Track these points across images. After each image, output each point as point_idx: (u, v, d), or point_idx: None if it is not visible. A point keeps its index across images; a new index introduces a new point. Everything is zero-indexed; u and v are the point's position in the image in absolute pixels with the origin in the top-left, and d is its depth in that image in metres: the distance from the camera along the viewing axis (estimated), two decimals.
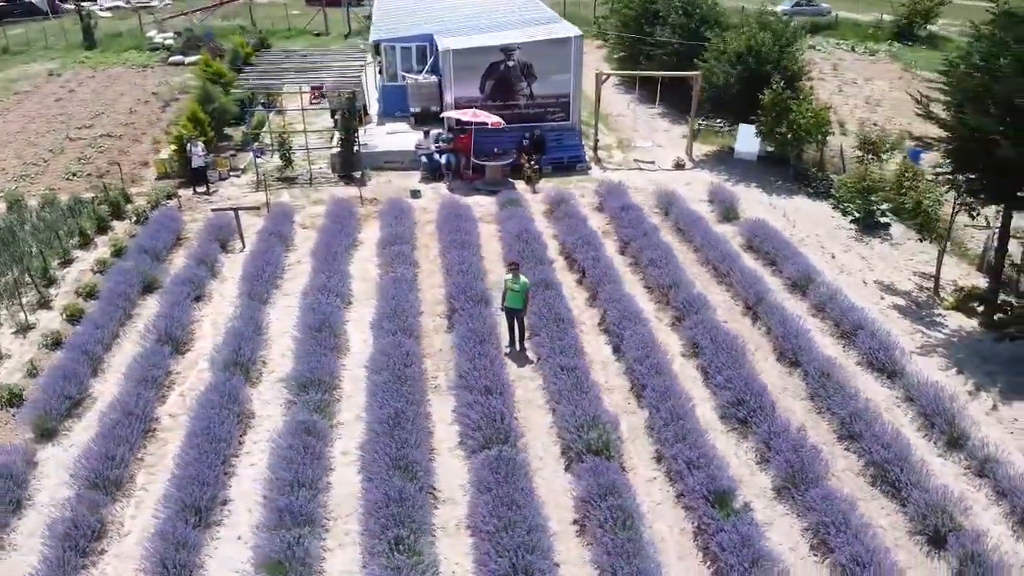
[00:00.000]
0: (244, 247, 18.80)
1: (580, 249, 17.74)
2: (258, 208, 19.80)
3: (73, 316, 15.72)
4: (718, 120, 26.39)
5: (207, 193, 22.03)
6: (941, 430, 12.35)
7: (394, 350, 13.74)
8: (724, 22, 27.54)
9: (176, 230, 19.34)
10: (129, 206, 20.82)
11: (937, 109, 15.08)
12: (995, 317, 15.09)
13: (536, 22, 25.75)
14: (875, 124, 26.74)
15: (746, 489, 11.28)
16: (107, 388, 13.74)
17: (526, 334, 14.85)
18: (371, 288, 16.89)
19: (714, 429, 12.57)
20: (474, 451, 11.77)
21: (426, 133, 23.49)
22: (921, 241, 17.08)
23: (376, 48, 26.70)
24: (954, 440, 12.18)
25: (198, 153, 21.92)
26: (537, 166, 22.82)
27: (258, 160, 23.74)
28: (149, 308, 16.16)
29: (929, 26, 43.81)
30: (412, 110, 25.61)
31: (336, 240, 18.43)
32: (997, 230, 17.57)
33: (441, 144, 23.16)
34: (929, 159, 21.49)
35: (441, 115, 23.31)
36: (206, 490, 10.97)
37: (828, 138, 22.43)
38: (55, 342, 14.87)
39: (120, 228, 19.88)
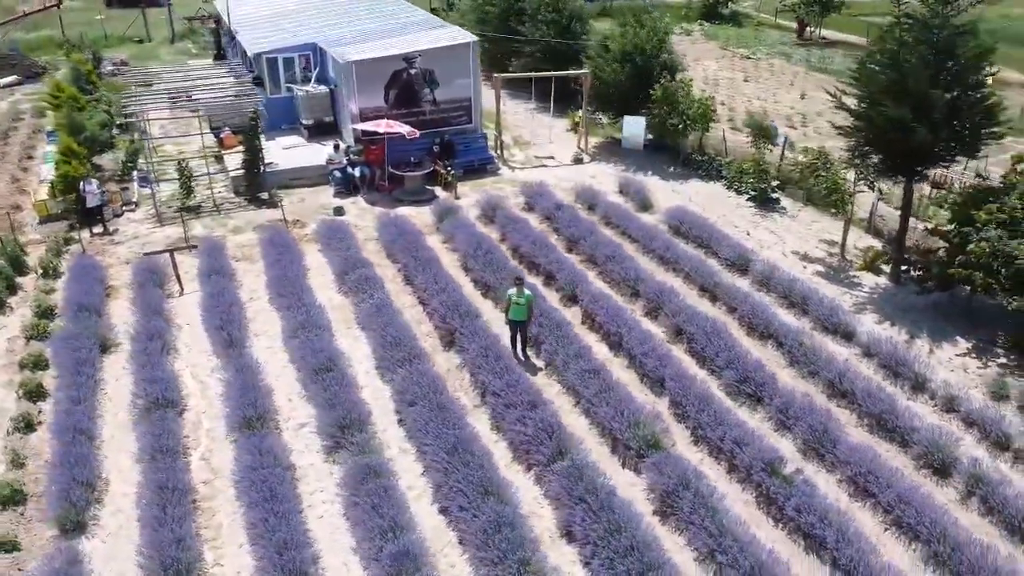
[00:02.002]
0: (183, 290, 17.62)
1: (537, 253, 18.49)
2: (195, 246, 18.54)
3: (32, 393, 14.13)
4: (596, 113, 27.96)
5: (107, 233, 20.19)
6: (905, 377, 14.62)
7: (420, 378, 13.85)
8: (588, 18, 29.10)
9: (101, 279, 17.70)
10: (27, 258, 18.66)
11: (839, 100, 17.42)
12: (902, 271, 17.83)
13: (421, 26, 25.83)
14: (729, 106, 29.63)
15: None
16: (117, 466, 12.68)
17: (528, 342, 15.45)
18: (347, 317, 16.63)
19: (728, 406, 14.00)
20: (540, 464, 12.32)
21: (336, 147, 22.97)
22: (835, 214, 19.50)
23: (254, 60, 25.42)
24: (918, 384, 14.48)
25: (93, 191, 19.99)
26: (452, 171, 23.15)
27: (145, 191, 22.05)
28: (115, 370, 14.89)
29: (732, 5, 48.56)
30: (304, 122, 24.83)
31: (286, 270, 17.81)
32: (879, 197, 20.62)
33: (352, 157, 22.79)
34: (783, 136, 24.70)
35: (352, 126, 22.85)
36: (298, 553, 10.69)
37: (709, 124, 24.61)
38: (26, 425, 13.36)
39: (29, 284, 17.82)
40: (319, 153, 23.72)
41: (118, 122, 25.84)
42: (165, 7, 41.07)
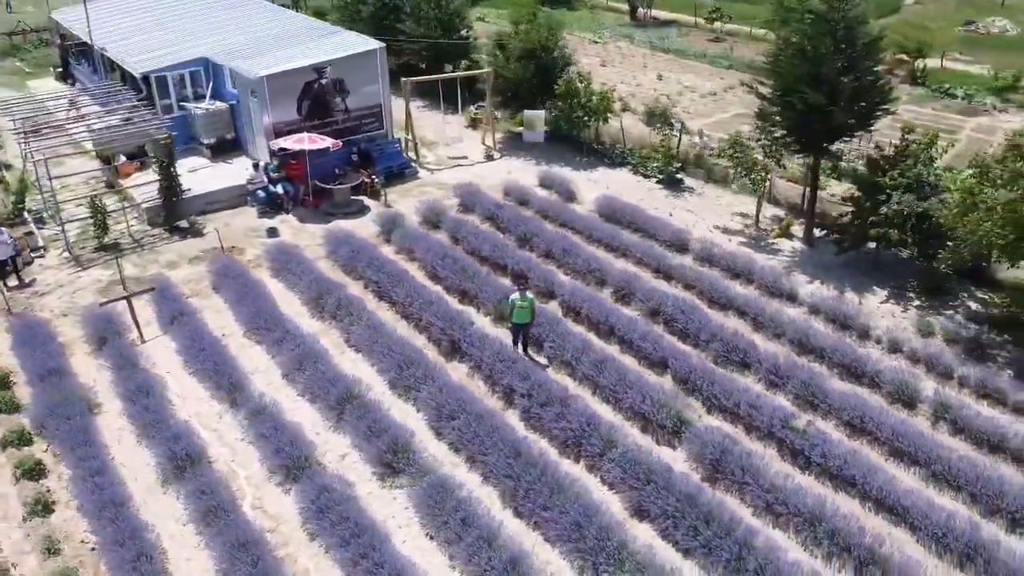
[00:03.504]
0: (143, 338, 16.58)
1: (498, 254, 19.15)
2: (152, 288, 17.35)
3: (32, 471, 12.96)
4: (488, 109, 28.71)
5: (25, 285, 18.40)
6: (853, 328, 16.93)
7: (449, 391, 14.23)
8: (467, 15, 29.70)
9: (51, 336, 16.22)
10: None
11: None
12: (814, 235, 20.37)
13: (313, 32, 25.22)
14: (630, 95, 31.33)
15: None
16: (167, 532, 12.10)
17: (529, 342, 16.18)
18: (337, 342, 16.48)
19: (724, 374, 15.56)
20: (593, 455, 13.22)
21: (256, 165, 22.13)
22: (753, 191, 21.65)
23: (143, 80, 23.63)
24: (863, 333, 16.85)
25: (4, 241, 18.09)
26: (377, 180, 23.08)
27: (45, 232, 20.24)
28: (112, 433, 13.96)
29: None
30: (205, 141, 23.60)
31: (254, 302, 17.25)
32: (780, 175, 23.10)
33: (272, 174, 22.08)
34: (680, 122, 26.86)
35: (271, 143, 22.07)
36: None
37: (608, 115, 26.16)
38: (43, 507, 12.32)
39: None
40: (231, 173, 22.77)
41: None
42: None
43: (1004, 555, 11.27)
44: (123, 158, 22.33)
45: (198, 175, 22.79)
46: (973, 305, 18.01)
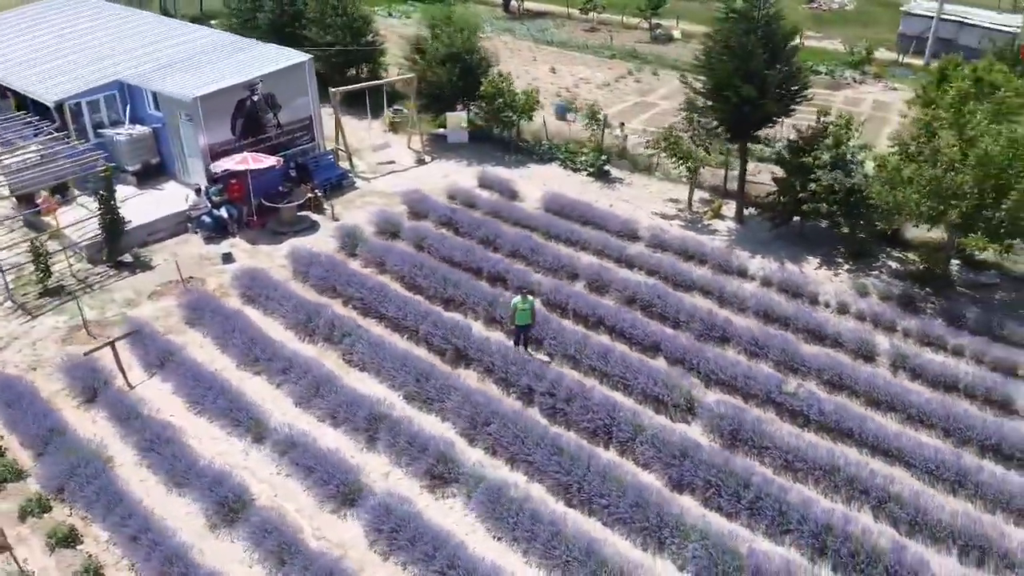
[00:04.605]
0: (130, 383, 15.89)
1: (469, 257, 19.66)
2: (135, 331, 16.50)
3: (66, 539, 12.34)
4: (404, 112, 28.86)
5: None
6: (803, 295, 18.87)
7: (485, 401, 14.75)
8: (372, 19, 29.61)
9: (30, 393, 15.20)
10: None
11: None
12: (744, 213, 22.30)
13: (228, 47, 24.38)
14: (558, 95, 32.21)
15: None
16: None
17: (530, 340, 16.90)
18: (339, 363, 16.51)
19: (711, 350, 16.96)
20: (624, 440, 14.22)
21: (197, 191, 21.31)
22: (688, 179, 23.25)
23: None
24: (813, 299, 18.83)
25: None
26: (319, 194, 22.85)
27: None
28: (136, 486, 13.44)
29: None
30: (130, 168, 22.40)
31: (239, 333, 16.89)
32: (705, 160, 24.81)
33: (214, 197, 21.37)
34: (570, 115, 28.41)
35: (212, 166, 21.27)
36: None
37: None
38: (95, 575, 11.81)
39: None
40: (165, 200, 21.81)
41: None
42: None
43: (987, 478, 13.34)
44: (44, 194, 20.82)
45: (128, 205, 21.61)
46: (893, 264, 20.51)
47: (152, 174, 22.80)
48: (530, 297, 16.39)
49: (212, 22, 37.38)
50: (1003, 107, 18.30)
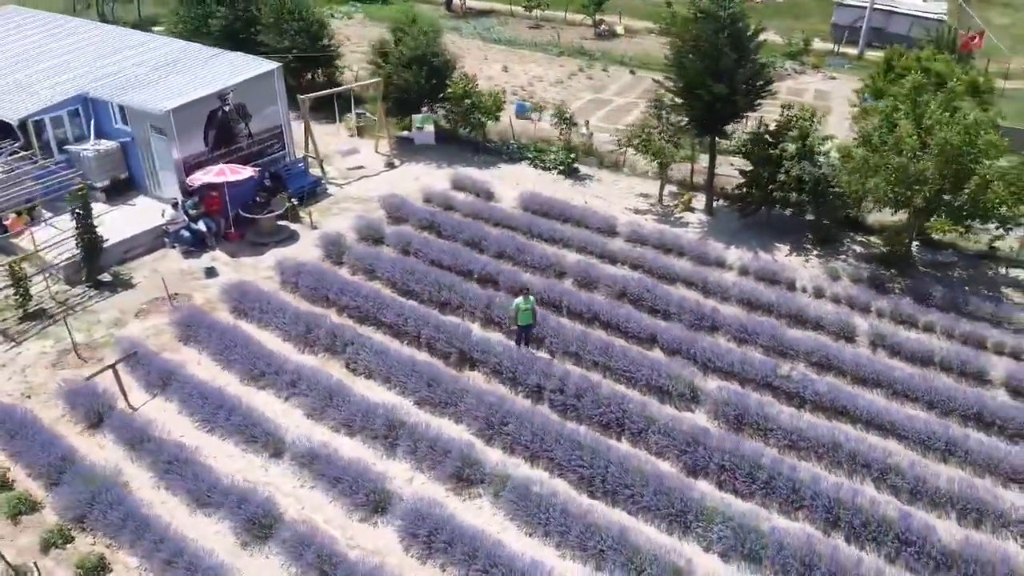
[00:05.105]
0: (131, 405, 15.64)
1: (459, 260, 19.89)
2: (134, 353, 16.17)
3: (97, 568, 12.20)
4: (367, 114, 28.83)
5: None
6: (781, 282, 19.78)
7: (497, 402, 15.06)
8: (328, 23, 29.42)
9: (32, 422, 14.79)
10: None
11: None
12: (713, 205, 23.17)
13: (192, 57, 23.90)
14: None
15: None
16: None
17: (531, 339, 17.28)
18: (343, 372, 16.57)
19: (704, 340, 17.66)
20: (636, 431, 14.78)
21: (174, 205, 20.90)
22: (659, 174, 23.98)
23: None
24: (791, 285, 19.76)
25: None
26: (296, 203, 22.70)
27: None
28: (159, 507, 13.31)
29: None
30: (98, 184, 21.79)
31: (239, 348, 16.77)
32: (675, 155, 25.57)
33: (191, 211, 21.02)
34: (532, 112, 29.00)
35: (189, 179, 20.89)
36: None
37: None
38: None
39: None
40: (139, 216, 21.34)
41: None
42: None
43: (975, 445, 14.39)
44: (12, 215, 20.12)
45: (107, 222, 21.06)
46: (857, 248, 21.66)
47: (121, 190, 22.25)
48: (531, 297, 16.78)
49: (154, 28, 36.46)
50: (953, 96, 19.55)
